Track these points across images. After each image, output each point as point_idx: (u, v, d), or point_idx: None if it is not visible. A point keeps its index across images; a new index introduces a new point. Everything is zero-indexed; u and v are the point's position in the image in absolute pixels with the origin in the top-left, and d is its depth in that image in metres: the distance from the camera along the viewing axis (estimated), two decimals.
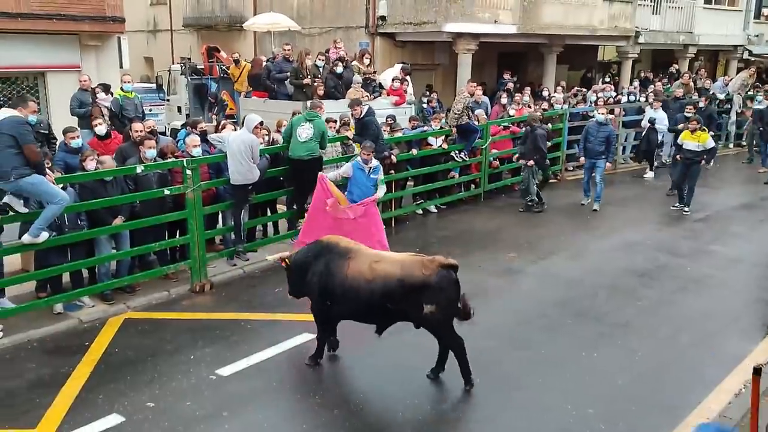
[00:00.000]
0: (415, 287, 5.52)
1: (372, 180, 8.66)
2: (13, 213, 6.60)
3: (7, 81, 11.20)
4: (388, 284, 5.57)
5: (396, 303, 5.62)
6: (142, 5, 25.86)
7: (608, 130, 11.88)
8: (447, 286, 5.57)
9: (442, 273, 5.54)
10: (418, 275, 5.52)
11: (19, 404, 5.56)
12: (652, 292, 8.10)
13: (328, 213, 8.45)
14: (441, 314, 5.63)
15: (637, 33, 20.04)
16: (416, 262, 5.65)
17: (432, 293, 5.52)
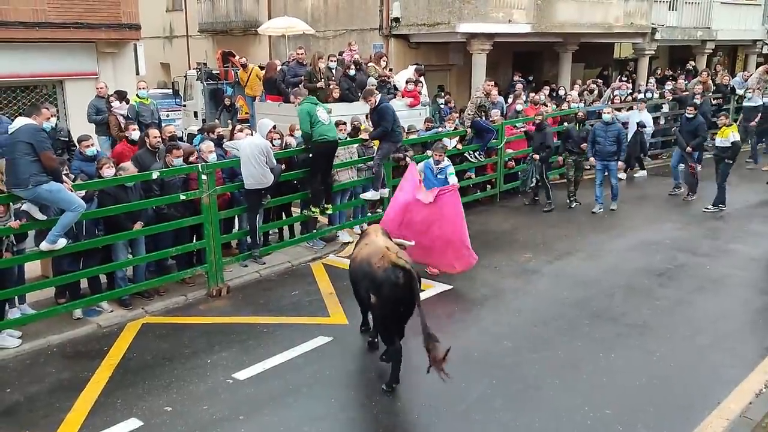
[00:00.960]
0: (367, 275, 5.79)
1: (440, 180, 8.57)
2: (32, 220, 6.70)
3: (26, 89, 11.36)
4: (362, 268, 5.91)
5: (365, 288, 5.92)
6: (158, 12, 26.13)
7: (617, 128, 11.70)
8: (390, 285, 5.61)
9: (389, 271, 5.61)
10: (372, 264, 5.75)
11: (39, 409, 5.64)
12: (669, 292, 8.01)
13: (417, 202, 8.21)
14: (379, 310, 5.83)
15: (653, 29, 19.84)
16: (379, 252, 5.80)
17: (375, 286, 5.70)
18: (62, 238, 6.67)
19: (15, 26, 10.55)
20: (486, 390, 5.86)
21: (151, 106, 11.16)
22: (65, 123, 11.10)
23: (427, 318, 5.54)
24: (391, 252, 5.76)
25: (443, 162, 8.64)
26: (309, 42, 18.88)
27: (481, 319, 7.41)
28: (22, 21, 10.60)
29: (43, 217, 6.71)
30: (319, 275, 8.78)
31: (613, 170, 11.73)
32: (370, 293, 5.79)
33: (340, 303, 7.78)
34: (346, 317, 7.39)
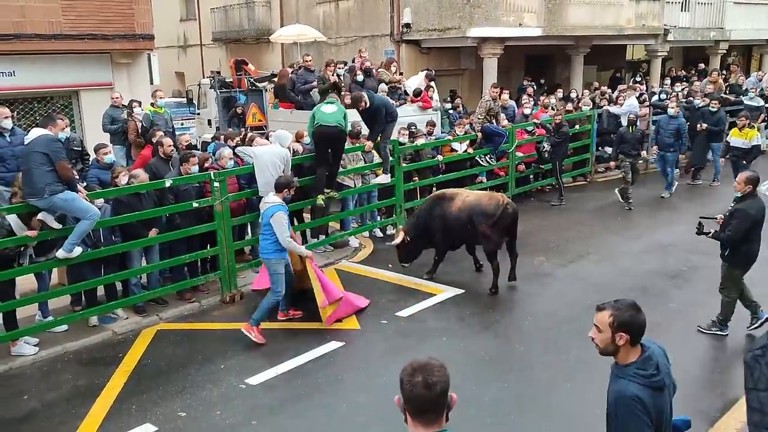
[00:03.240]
0: (482, 212, 8.19)
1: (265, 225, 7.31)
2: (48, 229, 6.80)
3: (42, 100, 11.54)
4: (474, 209, 8.25)
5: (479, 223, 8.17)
6: (172, 22, 26.42)
7: (678, 122, 12.51)
8: (501, 213, 8.14)
9: (500, 204, 8.18)
10: (484, 203, 8.27)
11: (56, 416, 5.71)
12: (683, 294, 7.96)
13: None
14: (493, 235, 8.19)
15: (665, 31, 19.71)
16: (486, 195, 8.70)
17: (488, 216, 8.14)
18: (78, 246, 6.77)
19: (31, 38, 10.73)
20: (497, 394, 5.85)
21: (165, 115, 11.30)
22: (80, 133, 11.26)
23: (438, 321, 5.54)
24: (496, 194, 8.63)
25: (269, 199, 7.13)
26: (321, 49, 19.00)
27: (493, 322, 7.40)
28: (38, 33, 10.77)
29: (59, 226, 6.82)
30: (331, 281, 8.79)
31: (670, 160, 12.56)
32: (483, 226, 8.07)
33: None
34: (358, 322, 7.43)
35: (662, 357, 3.03)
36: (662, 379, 2.94)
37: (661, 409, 2.94)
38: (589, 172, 14.46)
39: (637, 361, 2.94)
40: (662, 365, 2.98)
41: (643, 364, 2.93)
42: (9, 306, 6.71)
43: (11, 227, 6.54)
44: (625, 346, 2.96)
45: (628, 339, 2.94)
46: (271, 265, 7.01)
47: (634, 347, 2.97)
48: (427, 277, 8.69)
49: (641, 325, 2.94)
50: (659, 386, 2.93)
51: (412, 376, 2.36)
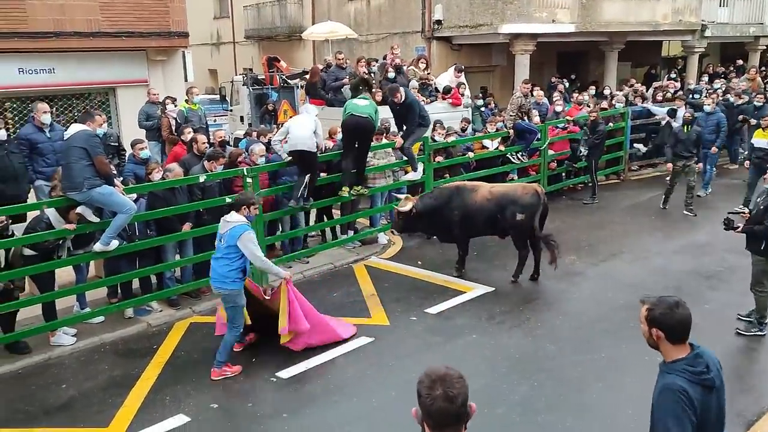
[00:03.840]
0: (515, 201, 8.32)
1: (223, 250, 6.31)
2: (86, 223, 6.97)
3: (81, 96, 11.79)
4: (507, 197, 8.42)
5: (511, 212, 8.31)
6: (206, 19, 26.74)
7: (717, 118, 12.47)
8: (535, 203, 8.30)
9: (535, 195, 8.35)
10: (518, 193, 8.42)
11: (93, 404, 5.86)
12: (719, 295, 7.81)
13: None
14: (526, 222, 8.29)
15: (703, 26, 19.31)
16: (520, 185, 8.98)
17: (523, 206, 8.29)
18: (115, 240, 6.92)
19: (71, 36, 10.96)
20: (527, 392, 5.83)
21: (199, 111, 11.46)
22: (116, 128, 11.47)
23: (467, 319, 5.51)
24: (530, 185, 8.90)
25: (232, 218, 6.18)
26: (352, 46, 19.06)
27: (523, 321, 7.36)
28: (77, 31, 11.00)
29: (96, 220, 6.98)
30: (360, 277, 8.86)
31: (709, 157, 12.40)
32: (516, 214, 8.23)
33: (382, 304, 7.85)
34: (388, 318, 7.45)
35: (713, 359, 3.01)
36: (712, 378, 2.91)
37: (708, 407, 2.91)
38: (622, 170, 14.26)
39: (687, 357, 2.93)
40: (713, 365, 2.94)
41: (693, 361, 2.91)
42: (49, 297, 6.89)
43: (50, 221, 6.72)
44: (663, 343, 2.96)
45: (663, 336, 2.93)
46: (232, 298, 6.05)
47: (677, 345, 2.94)
48: (457, 275, 8.68)
49: (678, 323, 2.90)
50: (709, 385, 2.90)
51: (431, 389, 2.30)
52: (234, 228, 5.98)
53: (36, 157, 8.28)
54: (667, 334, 2.93)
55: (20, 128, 10.34)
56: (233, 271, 5.98)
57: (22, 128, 8.69)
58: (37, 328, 6.85)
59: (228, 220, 6.10)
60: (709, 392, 2.90)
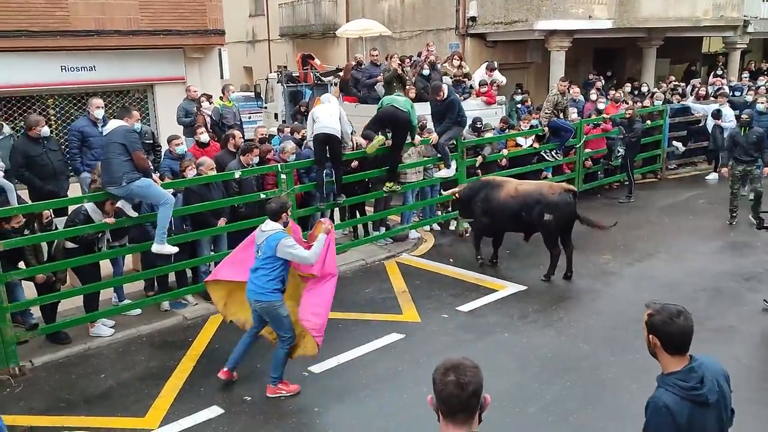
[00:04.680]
0: (541, 200, 8.26)
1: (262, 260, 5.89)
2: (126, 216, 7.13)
3: (120, 93, 12.05)
4: (533, 196, 8.37)
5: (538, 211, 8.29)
6: (241, 17, 27.03)
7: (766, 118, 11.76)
8: (564, 203, 8.25)
9: (563, 194, 8.30)
10: (546, 193, 8.32)
11: (130, 394, 6.01)
12: (759, 297, 7.62)
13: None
14: (555, 223, 8.26)
15: (745, 22, 18.83)
16: (547, 184, 8.71)
17: (551, 206, 8.21)
18: (170, 246, 7.08)
19: (111, 35, 11.21)
20: (560, 392, 5.78)
21: (233, 108, 11.60)
22: (154, 125, 11.69)
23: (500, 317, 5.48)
24: (557, 184, 8.80)
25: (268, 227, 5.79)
26: (386, 43, 19.08)
27: (556, 320, 7.30)
28: (117, 29, 11.24)
29: (135, 214, 7.14)
30: (392, 273, 8.89)
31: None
32: (544, 213, 8.17)
33: (413, 301, 7.86)
34: (419, 315, 7.46)
35: (717, 374, 2.85)
36: (705, 394, 2.75)
37: (703, 424, 2.79)
38: (659, 168, 14.01)
39: (681, 371, 2.79)
40: (710, 381, 2.79)
41: (686, 376, 2.78)
42: (87, 290, 7.05)
43: (88, 213, 6.88)
44: (660, 352, 2.84)
45: (660, 344, 2.82)
46: (275, 309, 5.71)
47: (675, 356, 2.81)
48: (480, 261, 8.95)
49: (677, 334, 2.77)
50: (701, 401, 2.76)
51: (445, 375, 2.34)
52: (269, 238, 5.65)
53: (86, 150, 8.47)
54: (665, 343, 2.80)
55: (62, 125, 10.67)
56: (272, 281, 5.64)
57: (76, 120, 8.89)
58: (77, 319, 7.04)
59: (264, 229, 5.76)
60: (704, 408, 2.77)
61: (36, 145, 8.00)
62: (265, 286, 5.65)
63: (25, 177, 7.96)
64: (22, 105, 10.91)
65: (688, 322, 2.79)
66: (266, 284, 5.65)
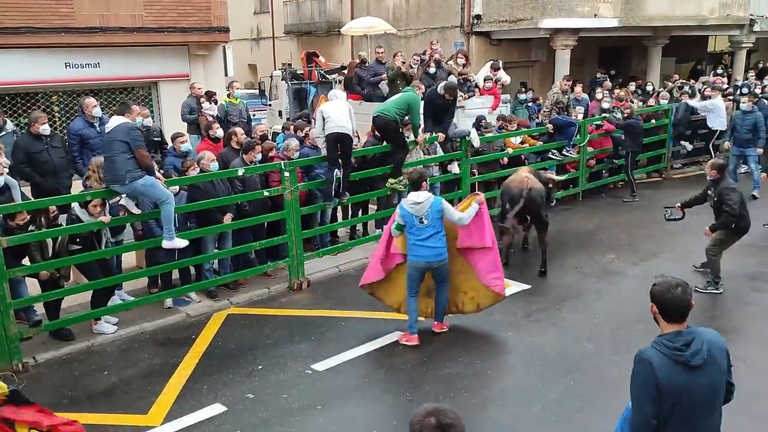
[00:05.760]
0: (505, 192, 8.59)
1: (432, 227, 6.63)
2: (129, 214, 7.13)
3: (124, 90, 12.06)
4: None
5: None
6: (246, 15, 27.00)
7: (754, 117, 12.08)
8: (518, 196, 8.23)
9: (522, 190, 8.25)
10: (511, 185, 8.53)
11: (133, 391, 6.01)
12: (764, 297, 7.59)
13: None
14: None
15: (751, 21, 18.74)
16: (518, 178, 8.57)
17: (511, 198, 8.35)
18: (181, 240, 7.08)
19: (116, 31, 11.22)
20: (564, 391, 5.76)
21: (240, 105, 11.58)
22: (158, 122, 11.69)
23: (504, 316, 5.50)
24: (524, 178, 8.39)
25: (423, 197, 6.41)
26: (390, 41, 19.03)
27: (560, 319, 7.27)
28: (122, 26, 11.25)
29: (138, 211, 7.14)
30: None
31: (751, 156, 12.14)
32: (505, 207, 8.33)
33: None
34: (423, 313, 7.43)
35: (711, 344, 3.04)
36: (686, 356, 2.96)
37: (686, 388, 2.98)
38: (664, 168, 13.96)
39: (669, 333, 3.05)
40: (697, 346, 2.98)
41: (673, 337, 3.02)
42: (95, 285, 7.03)
43: (78, 216, 6.85)
44: (659, 318, 3.10)
45: (658, 311, 3.09)
46: (447, 265, 6.55)
47: (671, 323, 3.06)
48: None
49: (672, 303, 3.03)
50: (683, 361, 2.96)
51: (424, 417, 2.28)
52: (433, 203, 6.32)
53: (86, 151, 8.46)
54: (662, 310, 3.07)
55: (66, 122, 10.67)
56: (443, 240, 6.39)
57: (73, 123, 8.84)
58: (80, 316, 7.06)
59: (418, 201, 6.32)
60: (688, 370, 2.97)
61: (38, 141, 8.00)
62: (444, 246, 6.40)
63: (26, 173, 7.97)
64: (26, 102, 10.93)
65: (685, 294, 3.04)
66: (444, 244, 6.40)
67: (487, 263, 6.76)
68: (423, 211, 6.30)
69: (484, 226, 6.70)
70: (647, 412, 3.02)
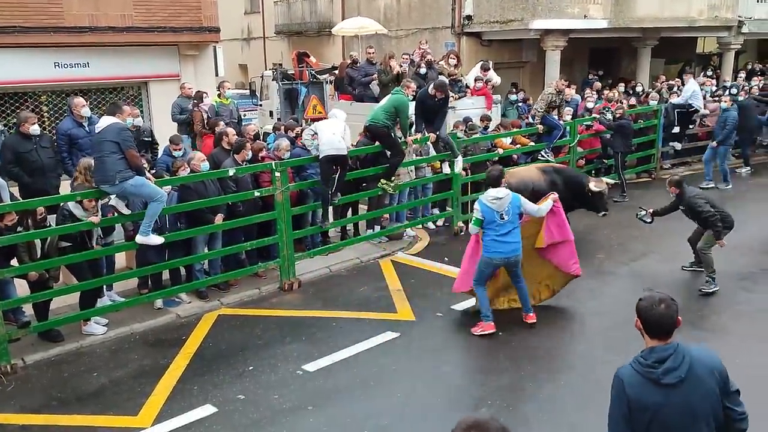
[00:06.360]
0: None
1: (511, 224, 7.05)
2: (119, 214, 7.09)
3: (114, 90, 11.99)
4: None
5: None
6: (236, 15, 26.92)
7: (725, 115, 12.75)
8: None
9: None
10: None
11: (123, 392, 5.97)
12: (753, 297, 7.65)
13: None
14: None
15: (740, 22, 18.88)
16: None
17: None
18: (157, 236, 7.03)
19: (105, 31, 11.14)
20: (556, 390, 5.78)
21: (230, 106, 11.53)
22: (148, 122, 11.62)
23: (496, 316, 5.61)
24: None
25: (503, 192, 6.73)
26: (381, 42, 19.03)
27: (552, 320, 7.28)
28: (111, 26, 11.18)
29: (128, 212, 7.10)
30: (387, 272, 8.87)
31: (720, 152, 12.82)
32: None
33: (408, 299, 7.85)
34: (414, 314, 7.45)
35: (699, 364, 2.93)
36: (657, 374, 2.88)
37: (660, 407, 2.90)
38: (654, 168, 14.03)
39: (645, 350, 2.98)
40: (674, 364, 2.89)
41: (647, 354, 2.96)
42: (84, 286, 6.98)
43: (70, 210, 6.81)
44: (644, 334, 3.02)
45: (641, 327, 3.02)
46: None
47: (653, 339, 2.97)
48: None
49: (655, 320, 2.95)
50: (653, 379, 2.89)
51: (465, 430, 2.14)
52: (512, 199, 6.61)
53: (75, 151, 8.42)
54: (645, 326, 3.00)
55: (55, 122, 10.60)
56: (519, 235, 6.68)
57: (62, 123, 8.79)
58: (70, 317, 7.00)
59: (500, 196, 6.59)
60: (660, 388, 2.89)
61: (26, 141, 7.95)
62: (520, 240, 6.66)
63: (14, 173, 7.92)
64: (15, 101, 10.84)
65: (669, 311, 2.96)
66: (520, 239, 6.66)
67: (566, 253, 7.26)
68: (504, 206, 6.56)
69: (564, 221, 7.19)
70: (620, 429, 3.00)
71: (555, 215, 7.13)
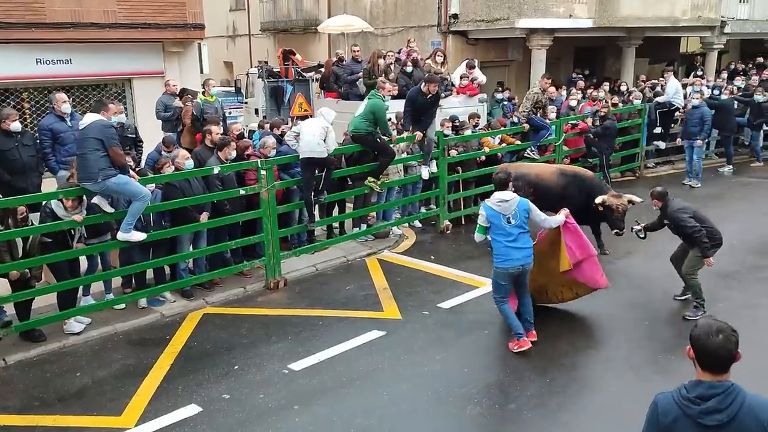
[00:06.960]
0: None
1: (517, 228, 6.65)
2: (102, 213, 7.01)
3: (97, 87, 11.85)
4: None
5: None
6: (222, 11, 26.76)
7: (701, 111, 13.01)
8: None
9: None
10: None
11: (106, 392, 5.91)
12: (735, 295, 7.73)
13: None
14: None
15: (722, 23, 19.07)
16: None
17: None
18: (139, 232, 6.97)
19: (88, 27, 11.00)
20: (540, 389, 5.80)
21: (215, 103, 11.44)
22: (132, 119, 11.51)
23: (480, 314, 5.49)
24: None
25: (510, 195, 6.40)
26: (367, 40, 19.02)
27: (538, 318, 7.27)
28: (94, 22, 11.04)
29: (112, 210, 7.02)
30: (373, 270, 8.86)
31: (695, 148, 13.03)
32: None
33: (394, 298, 7.85)
34: (400, 312, 7.45)
35: (748, 412, 2.62)
36: (696, 410, 2.64)
37: None
38: (638, 167, 14.14)
39: (693, 381, 2.72)
40: (720, 405, 2.63)
41: (693, 386, 2.71)
42: (65, 286, 6.91)
43: (52, 209, 6.73)
44: (695, 363, 2.75)
45: (694, 357, 2.73)
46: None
47: (706, 372, 2.70)
48: None
49: (708, 350, 2.66)
50: (691, 415, 2.65)
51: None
52: (519, 203, 6.29)
53: (58, 146, 8.32)
54: (697, 356, 2.72)
55: (37, 119, 10.46)
56: (530, 240, 6.34)
57: (44, 119, 8.68)
58: (52, 317, 6.92)
59: (506, 198, 6.28)
60: (697, 428, 2.65)
61: (7, 139, 7.84)
62: (531, 245, 6.35)
63: None
64: None
65: (727, 343, 2.65)
66: (531, 243, 6.35)
67: (591, 269, 6.93)
68: (511, 209, 6.24)
69: (581, 237, 6.88)
70: None
71: (571, 232, 6.79)
